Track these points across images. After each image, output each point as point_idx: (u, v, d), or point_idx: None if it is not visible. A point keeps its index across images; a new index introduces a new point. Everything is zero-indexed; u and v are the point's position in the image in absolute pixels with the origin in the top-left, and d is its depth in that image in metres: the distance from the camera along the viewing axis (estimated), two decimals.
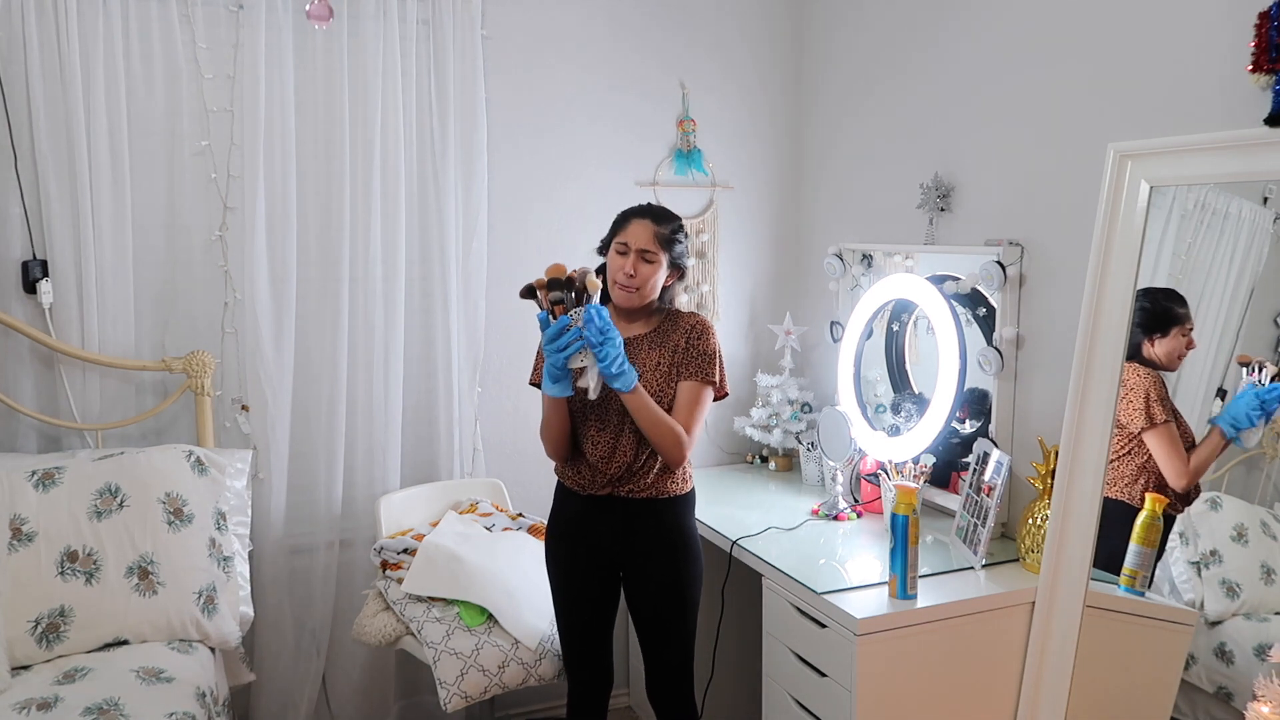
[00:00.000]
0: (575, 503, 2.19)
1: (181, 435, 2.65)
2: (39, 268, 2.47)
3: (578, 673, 2.25)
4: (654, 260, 2.10)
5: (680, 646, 2.20)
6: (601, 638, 2.25)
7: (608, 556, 2.18)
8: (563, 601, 2.24)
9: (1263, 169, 1.74)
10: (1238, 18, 1.77)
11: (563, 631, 2.26)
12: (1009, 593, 2.08)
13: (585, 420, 2.13)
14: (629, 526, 2.15)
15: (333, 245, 2.71)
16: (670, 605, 2.17)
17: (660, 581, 2.16)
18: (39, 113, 2.41)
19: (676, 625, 2.18)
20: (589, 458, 2.13)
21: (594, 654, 2.25)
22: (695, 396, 2.11)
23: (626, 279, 2.09)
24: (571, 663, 2.26)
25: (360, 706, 2.87)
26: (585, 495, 2.16)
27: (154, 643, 2.16)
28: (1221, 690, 1.87)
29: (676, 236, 2.14)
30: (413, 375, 2.86)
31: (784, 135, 3.28)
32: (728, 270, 3.23)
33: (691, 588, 2.18)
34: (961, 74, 2.55)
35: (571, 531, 2.20)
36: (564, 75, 2.96)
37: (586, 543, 2.18)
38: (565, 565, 2.22)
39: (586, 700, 2.26)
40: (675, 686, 2.22)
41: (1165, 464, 1.97)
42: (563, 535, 2.22)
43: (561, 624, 2.26)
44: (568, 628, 2.24)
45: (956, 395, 2.40)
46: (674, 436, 2.06)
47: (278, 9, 2.58)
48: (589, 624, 2.23)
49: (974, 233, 2.51)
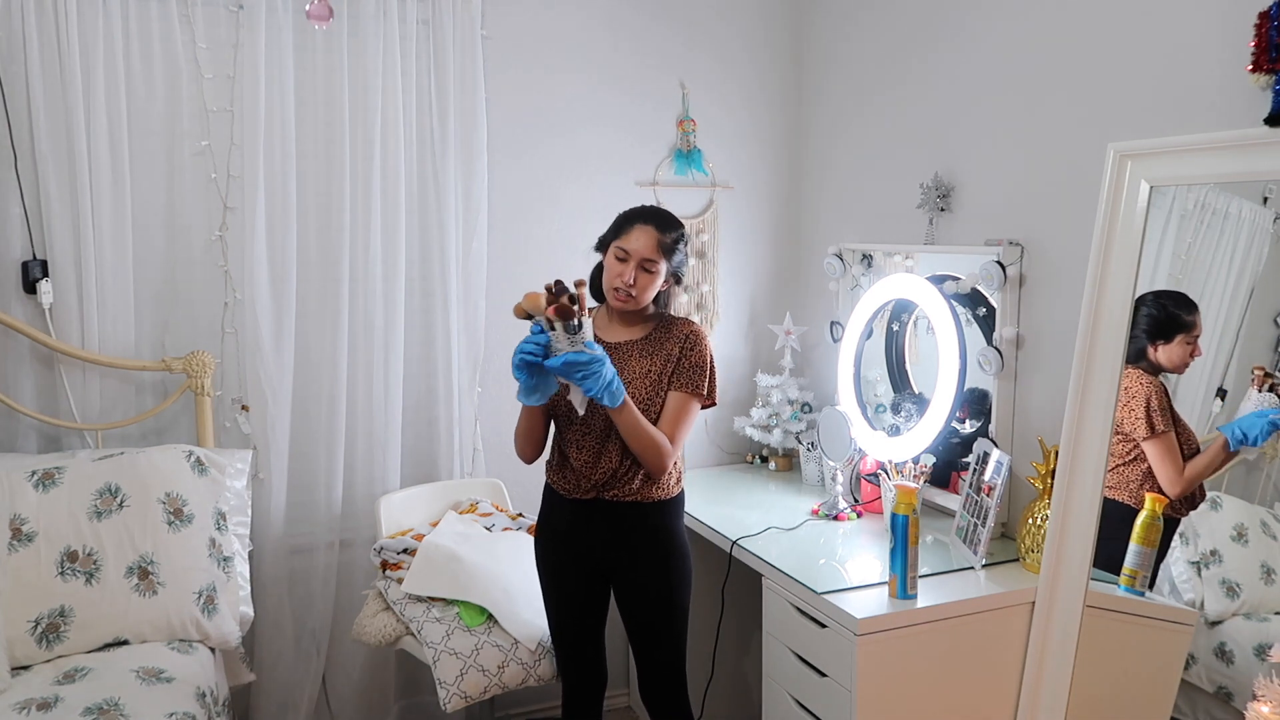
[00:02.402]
0: (562, 506, 2.18)
1: (181, 435, 2.65)
2: (39, 268, 2.47)
3: (569, 674, 2.26)
4: (654, 270, 2.08)
5: (671, 648, 2.19)
6: (592, 639, 2.25)
7: (594, 560, 2.17)
8: (553, 604, 2.24)
9: (1263, 169, 1.74)
10: (1238, 18, 1.77)
11: (553, 633, 2.26)
12: (1009, 593, 2.08)
13: (569, 426, 2.12)
14: (616, 530, 2.14)
15: (333, 245, 2.71)
16: (659, 609, 2.16)
17: (648, 585, 2.15)
18: (39, 113, 2.41)
19: (665, 628, 2.17)
20: (573, 463, 2.12)
21: (585, 655, 2.25)
22: (683, 407, 2.10)
23: (625, 287, 2.08)
24: (563, 664, 2.26)
25: (360, 706, 2.87)
26: (571, 499, 2.15)
27: (154, 643, 2.16)
28: (1221, 690, 1.87)
29: (678, 245, 2.12)
30: (413, 375, 2.86)
31: (784, 135, 3.28)
32: (728, 270, 3.23)
33: (679, 590, 2.17)
34: (962, 74, 2.55)
35: (559, 535, 2.20)
36: (564, 75, 2.96)
37: (574, 547, 2.18)
38: (553, 568, 2.22)
39: (579, 701, 2.26)
40: (667, 688, 2.21)
41: (1160, 471, 1.97)
42: (550, 538, 2.22)
43: (552, 625, 2.26)
44: (558, 629, 2.24)
45: (956, 395, 2.40)
46: (657, 447, 2.04)
47: (278, 9, 2.58)
48: (579, 626, 2.23)
49: (974, 233, 2.51)
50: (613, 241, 2.11)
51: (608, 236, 2.14)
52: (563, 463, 2.16)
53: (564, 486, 2.16)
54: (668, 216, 2.13)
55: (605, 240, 2.15)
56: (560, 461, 2.17)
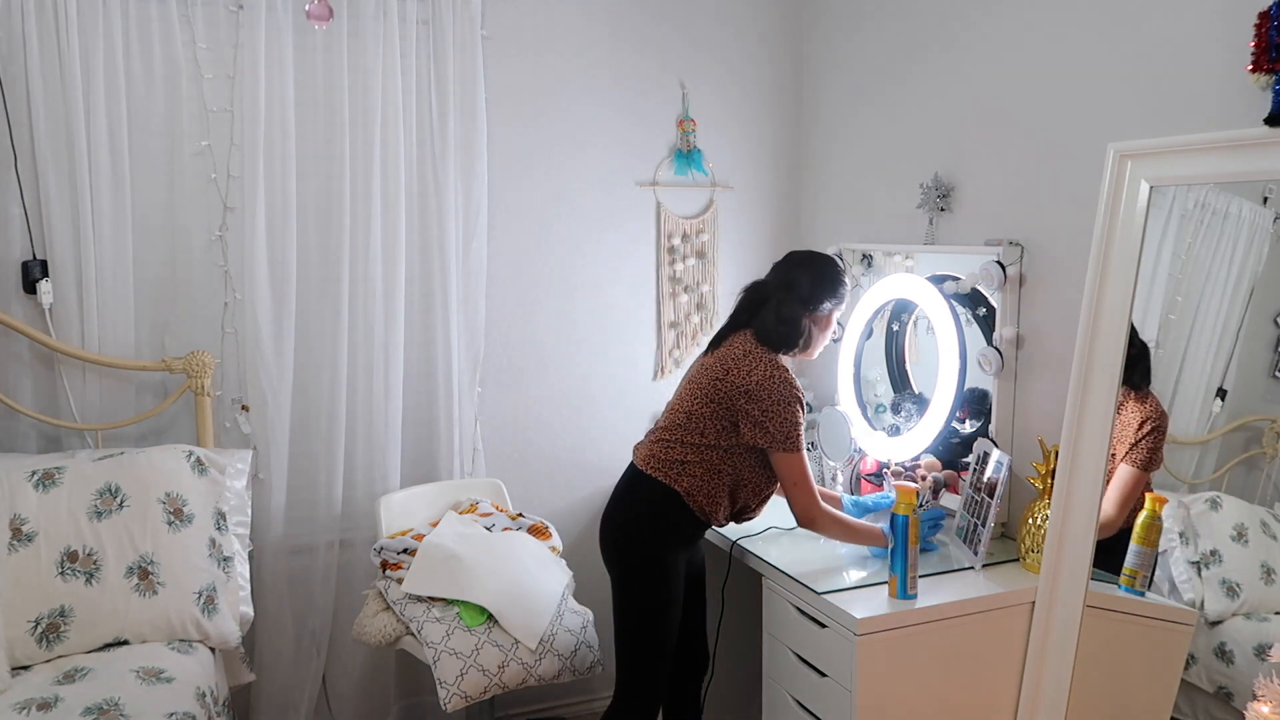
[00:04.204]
0: (698, 528, 2.25)
1: (181, 435, 2.65)
2: (39, 268, 2.47)
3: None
4: None
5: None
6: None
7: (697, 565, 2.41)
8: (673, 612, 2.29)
9: (1263, 169, 1.74)
10: (1237, 18, 1.77)
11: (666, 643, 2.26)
12: (1009, 593, 2.08)
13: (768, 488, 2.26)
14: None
15: (333, 245, 2.71)
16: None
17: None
18: (39, 113, 2.41)
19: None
20: (754, 514, 2.30)
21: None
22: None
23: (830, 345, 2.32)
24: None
25: (360, 706, 2.87)
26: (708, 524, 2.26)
27: (154, 643, 2.15)
28: (1221, 690, 1.87)
29: None
30: (413, 375, 2.86)
31: (784, 135, 3.28)
32: (728, 270, 3.23)
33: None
34: (962, 74, 2.55)
35: (683, 545, 2.27)
36: (564, 75, 2.96)
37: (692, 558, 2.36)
38: (676, 578, 2.28)
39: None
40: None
41: (1120, 500, 2.00)
42: (676, 547, 2.25)
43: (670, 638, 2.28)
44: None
45: (956, 395, 2.40)
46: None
47: (278, 9, 2.58)
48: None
49: (974, 233, 2.51)
50: (838, 308, 2.27)
51: (833, 302, 2.26)
52: (736, 511, 2.25)
53: (718, 519, 2.23)
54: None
55: (822, 299, 2.23)
56: (732, 510, 2.24)
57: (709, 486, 2.15)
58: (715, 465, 2.15)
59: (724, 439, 2.14)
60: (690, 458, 2.15)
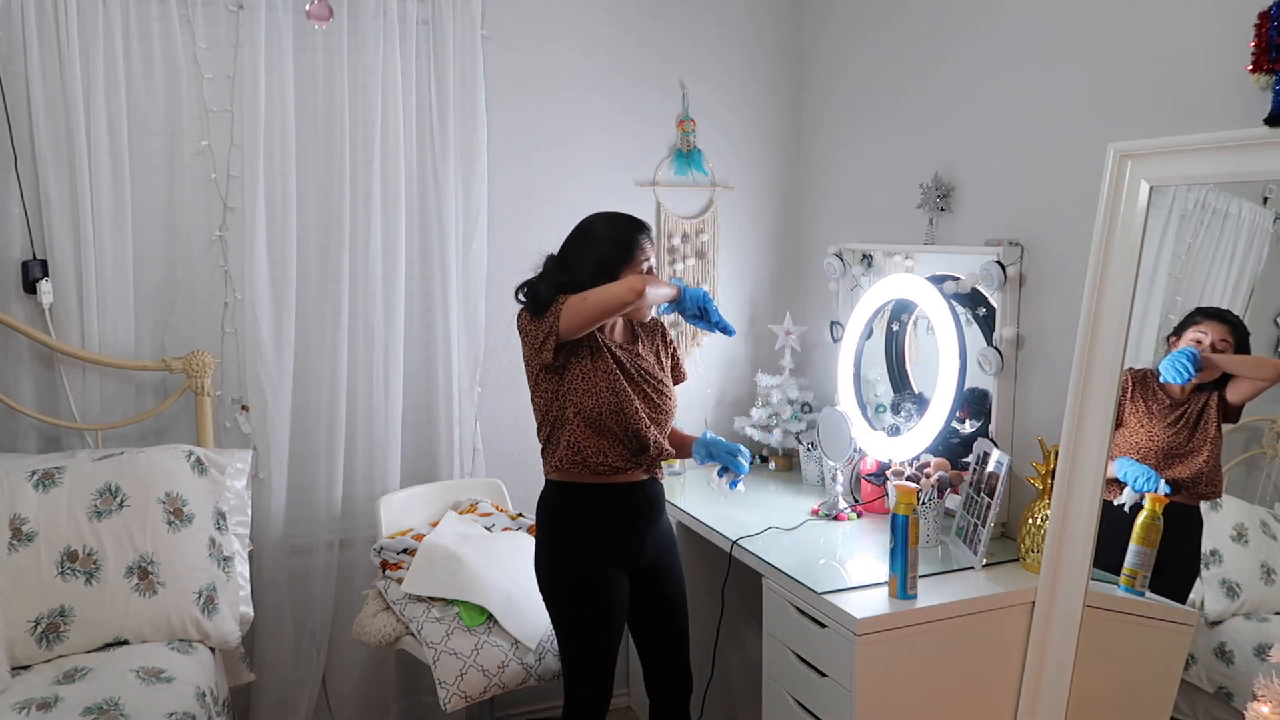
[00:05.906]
0: (608, 496, 2.11)
1: (181, 435, 2.65)
2: (39, 268, 2.47)
3: (604, 690, 2.15)
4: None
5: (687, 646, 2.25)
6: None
7: (641, 555, 2.20)
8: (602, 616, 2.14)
9: (1263, 169, 1.74)
10: (1237, 18, 1.77)
11: (600, 654, 2.14)
12: (1009, 593, 2.08)
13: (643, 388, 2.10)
14: (656, 516, 2.22)
15: (333, 245, 2.71)
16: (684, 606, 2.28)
17: (679, 580, 2.29)
18: (39, 113, 2.41)
19: (687, 626, 2.25)
20: (650, 434, 2.08)
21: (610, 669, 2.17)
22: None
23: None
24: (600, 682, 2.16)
25: (360, 706, 2.87)
26: (624, 484, 2.11)
27: (154, 643, 2.16)
28: (1221, 690, 1.87)
29: None
30: (413, 375, 2.86)
31: (784, 135, 3.28)
32: (727, 270, 3.23)
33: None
34: (962, 74, 2.55)
35: (600, 530, 2.12)
36: (564, 75, 2.96)
37: (626, 544, 2.16)
38: (600, 573, 2.13)
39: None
40: (684, 695, 2.29)
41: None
42: (589, 537, 2.12)
43: (600, 646, 2.14)
44: (608, 647, 2.15)
45: (956, 395, 2.40)
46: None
47: (278, 9, 2.59)
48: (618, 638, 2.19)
49: (974, 233, 2.51)
50: (629, 263, 2.06)
51: (618, 259, 2.06)
52: (618, 443, 2.06)
53: (615, 464, 2.05)
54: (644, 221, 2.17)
55: (613, 261, 2.06)
56: (631, 452, 2.07)
57: (570, 439, 2.02)
58: (554, 418, 2.05)
59: (541, 395, 2.07)
60: (543, 437, 2.09)
